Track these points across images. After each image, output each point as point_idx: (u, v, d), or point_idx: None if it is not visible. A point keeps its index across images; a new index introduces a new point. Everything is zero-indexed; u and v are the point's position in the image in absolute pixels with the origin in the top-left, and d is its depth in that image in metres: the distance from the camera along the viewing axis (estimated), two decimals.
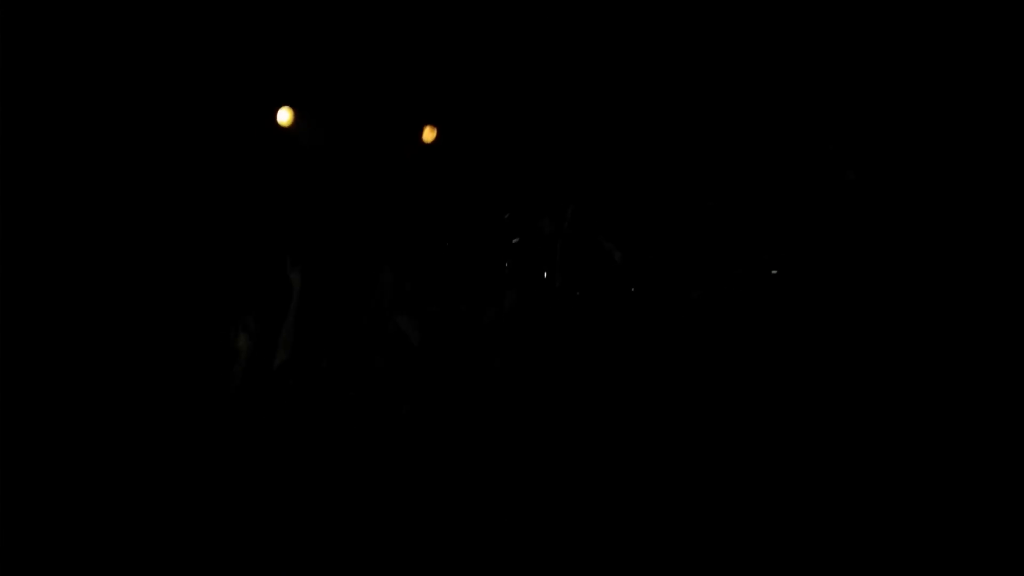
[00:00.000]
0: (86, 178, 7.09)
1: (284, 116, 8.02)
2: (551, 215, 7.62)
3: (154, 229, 7.43)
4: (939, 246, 7.07)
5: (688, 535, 4.05)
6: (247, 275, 7.38)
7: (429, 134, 8.74)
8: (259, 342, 4.88)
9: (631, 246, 7.98)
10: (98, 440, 5.15)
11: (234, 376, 4.77)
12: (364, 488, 4.21)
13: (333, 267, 7.29)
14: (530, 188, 8.40)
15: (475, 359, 5.93)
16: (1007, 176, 6.96)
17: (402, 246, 8.24)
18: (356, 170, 8.39)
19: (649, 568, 3.90)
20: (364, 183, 8.43)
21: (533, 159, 8.71)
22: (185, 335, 6.75)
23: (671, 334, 7.13)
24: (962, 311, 6.38)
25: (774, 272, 7.73)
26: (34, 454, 4.83)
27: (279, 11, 7.47)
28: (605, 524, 4.13)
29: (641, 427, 5.31)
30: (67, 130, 6.99)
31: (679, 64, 8.13)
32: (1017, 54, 6.84)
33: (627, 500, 4.35)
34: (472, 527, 4.05)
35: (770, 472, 4.64)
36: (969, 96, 7.21)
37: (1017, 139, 6.93)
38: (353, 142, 8.33)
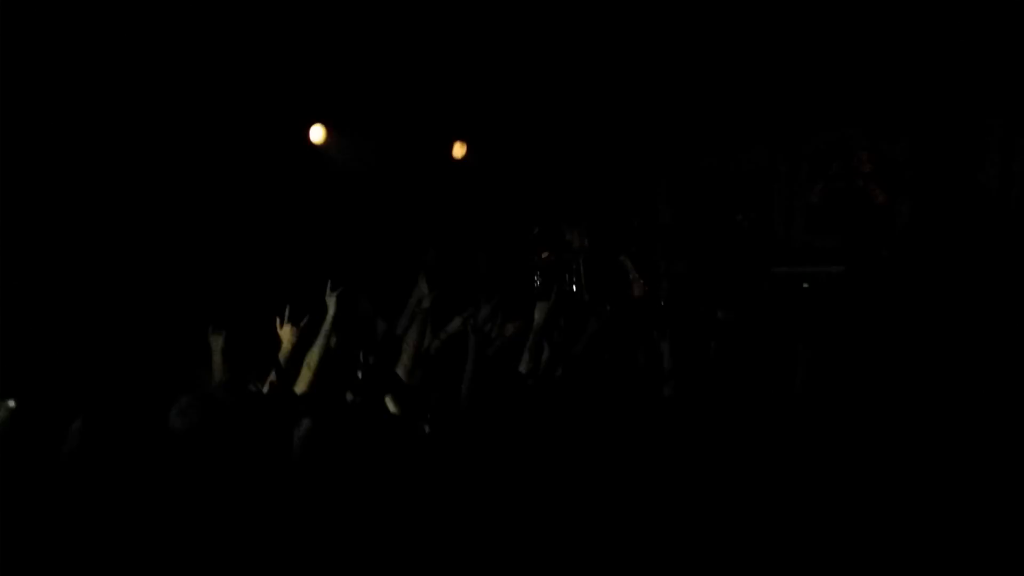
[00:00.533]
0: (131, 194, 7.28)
1: (318, 134, 8.15)
2: (580, 229, 7.71)
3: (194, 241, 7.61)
4: (976, 260, 7.02)
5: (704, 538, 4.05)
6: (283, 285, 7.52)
7: (459, 150, 8.83)
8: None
9: (657, 263, 8.04)
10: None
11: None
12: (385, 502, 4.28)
13: (368, 285, 7.47)
14: (558, 203, 8.46)
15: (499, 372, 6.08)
16: None
17: (430, 263, 8.36)
18: (388, 186, 8.49)
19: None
20: (396, 199, 8.53)
21: (560, 174, 8.77)
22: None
23: (698, 349, 7.16)
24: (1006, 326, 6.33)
25: (805, 285, 7.72)
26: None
27: (311, 29, 7.60)
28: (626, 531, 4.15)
29: (663, 438, 5.35)
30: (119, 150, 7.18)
31: (702, 84, 8.14)
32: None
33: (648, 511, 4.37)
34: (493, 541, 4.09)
35: (797, 484, 4.65)
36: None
37: None
38: (385, 158, 8.43)
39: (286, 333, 4.75)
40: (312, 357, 4.46)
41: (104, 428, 3.41)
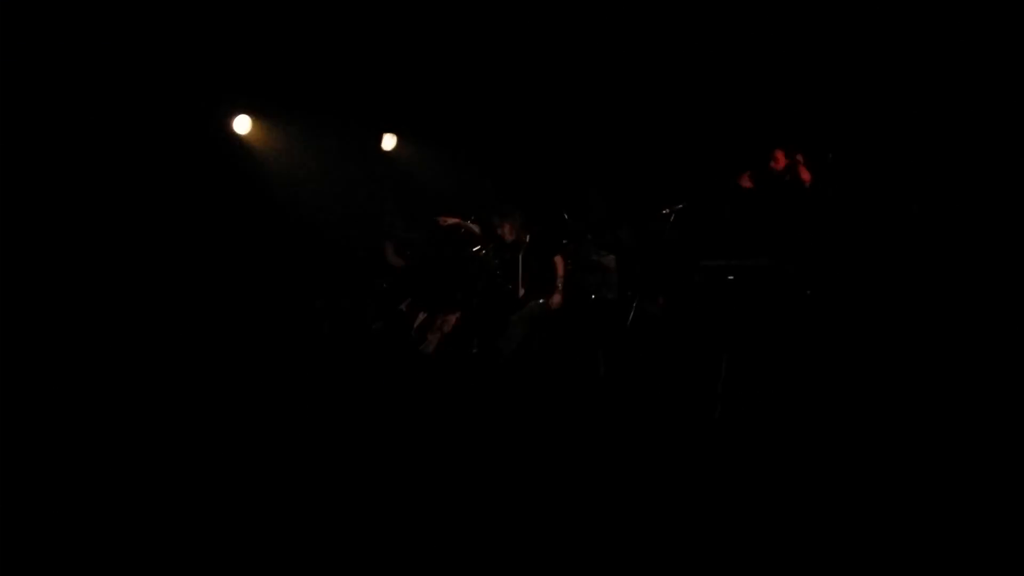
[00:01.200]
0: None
1: (243, 125, 7.96)
2: (512, 222, 7.68)
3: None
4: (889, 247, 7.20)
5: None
6: None
7: (389, 142, 8.72)
8: None
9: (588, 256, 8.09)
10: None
11: None
12: None
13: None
14: (491, 196, 8.43)
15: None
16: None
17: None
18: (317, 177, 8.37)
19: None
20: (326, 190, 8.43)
21: (491, 167, 8.75)
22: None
23: (634, 339, 7.25)
24: (912, 314, 6.51)
25: (731, 278, 7.83)
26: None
27: (236, 18, 7.43)
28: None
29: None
30: None
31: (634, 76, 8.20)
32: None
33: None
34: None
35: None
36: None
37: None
38: (314, 150, 8.31)
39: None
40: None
41: None
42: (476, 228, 7.78)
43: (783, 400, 5.86)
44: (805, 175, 7.25)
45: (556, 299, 7.37)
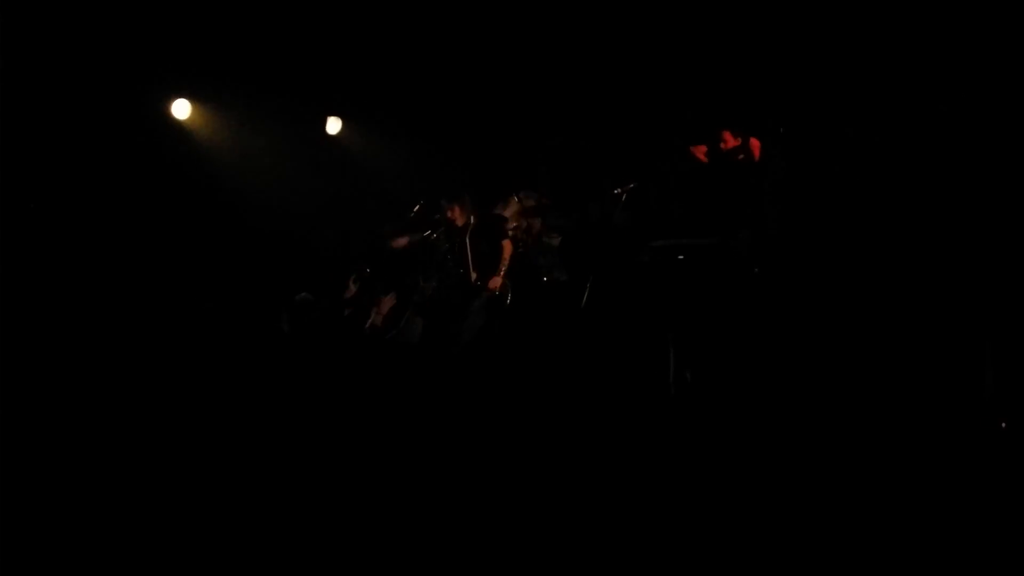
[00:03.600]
0: None
1: (183, 110, 7.74)
2: (462, 206, 7.58)
3: None
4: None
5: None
6: None
7: (333, 125, 8.55)
8: None
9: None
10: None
11: None
12: None
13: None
14: (436, 181, 8.33)
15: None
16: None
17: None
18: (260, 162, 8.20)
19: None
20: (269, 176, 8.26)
21: (438, 150, 8.65)
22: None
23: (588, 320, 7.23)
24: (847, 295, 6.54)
25: (681, 257, 7.85)
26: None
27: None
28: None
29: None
30: None
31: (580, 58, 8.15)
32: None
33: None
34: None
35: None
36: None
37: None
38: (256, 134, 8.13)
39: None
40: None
41: None
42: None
43: (736, 377, 5.87)
44: (755, 153, 7.27)
45: (495, 281, 7.26)
